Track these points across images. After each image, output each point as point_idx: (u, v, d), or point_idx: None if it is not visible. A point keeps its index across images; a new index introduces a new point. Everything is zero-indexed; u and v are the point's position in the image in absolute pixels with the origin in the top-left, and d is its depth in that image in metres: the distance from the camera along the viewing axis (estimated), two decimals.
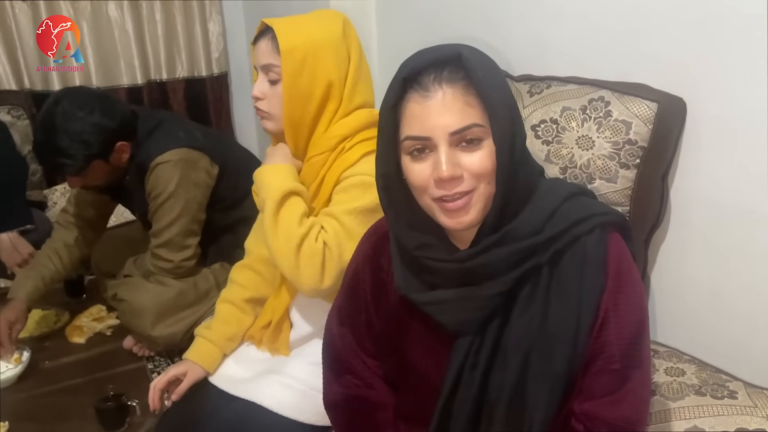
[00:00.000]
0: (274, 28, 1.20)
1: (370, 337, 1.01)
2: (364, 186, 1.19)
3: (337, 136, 1.24)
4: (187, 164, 1.74)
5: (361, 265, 1.01)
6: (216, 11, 2.82)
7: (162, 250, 1.77)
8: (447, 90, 0.78)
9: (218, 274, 1.86)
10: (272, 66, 1.21)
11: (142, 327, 1.72)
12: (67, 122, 1.62)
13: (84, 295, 2.07)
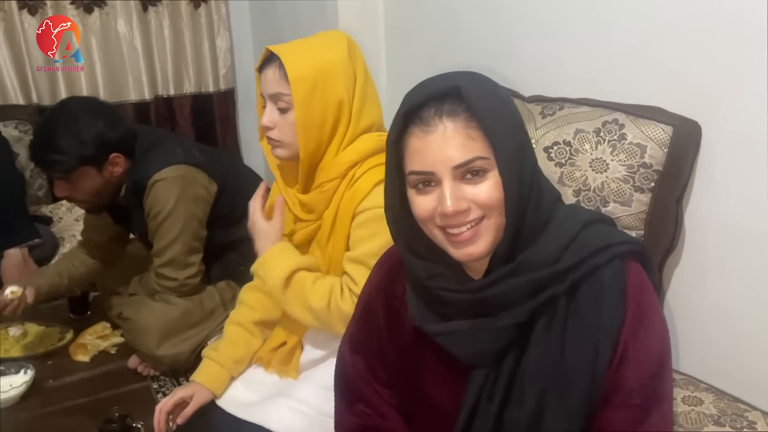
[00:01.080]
0: (280, 56, 1.18)
1: (382, 365, 0.99)
2: (381, 219, 1.15)
3: (347, 162, 1.22)
4: (185, 180, 1.72)
5: (374, 293, 1.00)
6: (224, 27, 2.83)
7: (166, 269, 1.75)
8: (448, 124, 0.77)
9: (223, 292, 1.84)
10: (282, 95, 1.19)
11: (147, 346, 1.70)
12: (68, 122, 1.63)
13: (88, 312, 2.06)
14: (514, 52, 1.63)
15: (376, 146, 1.23)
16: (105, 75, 2.62)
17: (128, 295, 1.86)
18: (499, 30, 1.67)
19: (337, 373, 1.06)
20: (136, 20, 2.61)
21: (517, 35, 1.61)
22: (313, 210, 1.26)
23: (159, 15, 2.69)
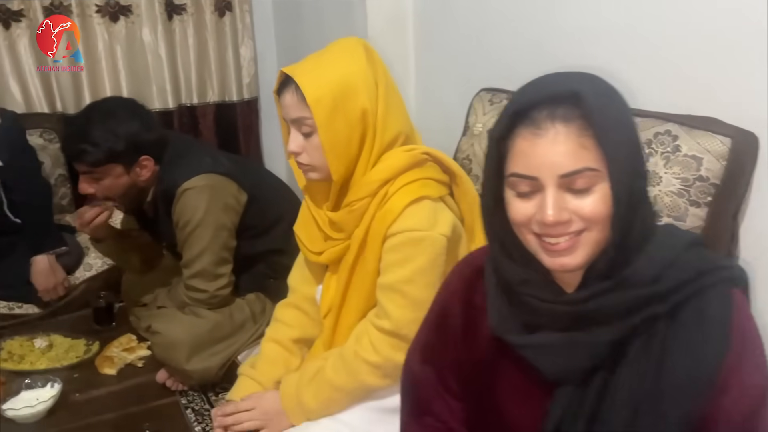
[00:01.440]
0: (295, 79, 1.14)
1: (455, 377, 0.94)
2: (414, 243, 1.13)
3: (378, 181, 1.17)
4: (214, 190, 1.69)
5: (450, 299, 0.95)
6: (248, 36, 2.81)
7: (195, 281, 1.72)
8: (560, 129, 0.72)
9: (253, 305, 1.81)
10: (303, 119, 1.15)
11: (177, 360, 1.66)
12: (105, 116, 1.63)
13: (113, 323, 2.03)
14: (553, 59, 1.58)
15: (408, 162, 1.19)
16: (129, 83, 2.60)
17: (156, 308, 1.83)
18: (536, 35, 1.63)
19: (404, 384, 1.01)
20: (161, 29, 2.60)
21: (558, 42, 1.57)
22: (343, 229, 1.22)
23: (183, 23, 2.68)
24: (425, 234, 1.13)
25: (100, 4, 2.50)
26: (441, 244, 1.14)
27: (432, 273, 1.13)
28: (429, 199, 1.17)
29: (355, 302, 1.23)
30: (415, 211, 1.15)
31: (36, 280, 2.02)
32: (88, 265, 2.18)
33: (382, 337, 1.15)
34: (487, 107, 1.61)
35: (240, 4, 2.75)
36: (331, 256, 1.26)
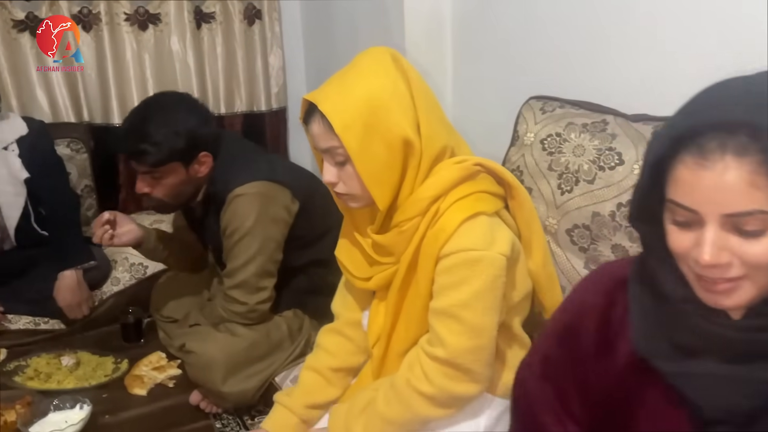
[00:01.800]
0: (319, 106, 1.04)
1: (580, 400, 0.84)
2: (470, 264, 1.03)
3: (427, 198, 1.08)
4: (266, 199, 1.62)
5: (583, 312, 0.84)
6: (277, 45, 2.75)
7: (236, 292, 1.64)
8: (731, 164, 0.62)
9: (291, 322, 1.72)
10: (334, 149, 1.06)
11: (212, 382, 1.58)
12: (163, 112, 1.58)
13: (142, 340, 1.96)
14: (604, 66, 1.51)
15: (459, 175, 1.09)
16: (157, 92, 2.54)
17: (188, 326, 1.76)
18: (584, 40, 1.55)
19: (517, 401, 0.92)
20: (190, 37, 2.54)
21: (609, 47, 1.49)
22: (392, 252, 1.13)
23: (212, 32, 2.62)
24: (482, 254, 1.03)
25: (128, 12, 2.45)
26: (500, 265, 1.04)
27: (490, 296, 1.04)
28: (485, 214, 1.07)
29: (406, 329, 1.14)
30: (470, 229, 1.05)
31: (60, 296, 1.95)
32: (115, 279, 2.11)
33: (435, 367, 1.06)
34: (539, 116, 1.53)
35: (270, 12, 2.69)
36: (380, 282, 1.17)
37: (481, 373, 1.06)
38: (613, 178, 1.27)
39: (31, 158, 1.96)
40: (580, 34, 1.58)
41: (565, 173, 1.37)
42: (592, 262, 1.30)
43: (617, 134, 1.32)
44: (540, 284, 1.17)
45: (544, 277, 1.17)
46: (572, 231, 1.34)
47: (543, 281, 1.17)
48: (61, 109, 2.43)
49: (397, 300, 1.13)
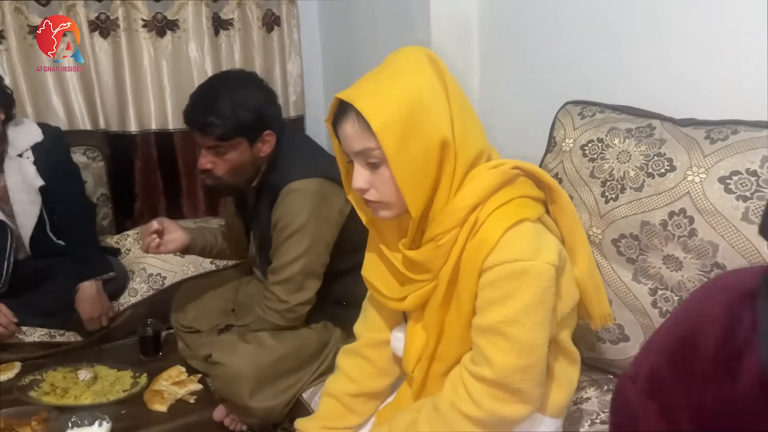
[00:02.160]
0: (355, 105, 0.97)
1: (694, 423, 0.75)
2: (517, 276, 0.95)
3: (465, 207, 1.00)
4: (322, 198, 1.57)
5: (701, 326, 0.76)
6: (296, 52, 2.71)
7: (279, 288, 1.59)
8: None
9: (321, 335, 1.66)
10: (369, 150, 0.99)
11: (239, 396, 1.51)
12: (232, 87, 1.57)
13: (160, 353, 1.89)
14: (641, 69, 1.46)
15: (498, 180, 1.02)
16: (174, 99, 2.49)
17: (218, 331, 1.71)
18: (621, 43, 1.50)
19: (616, 416, 0.83)
20: (208, 44, 2.50)
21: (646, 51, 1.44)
22: (429, 268, 1.05)
23: (230, 39, 2.58)
24: (529, 264, 0.96)
25: (146, 19, 2.41)
26: (549, 275, 0.97)
27: (540, 310, 0.96)
28: (528, 221, 1.00)
29: (448, 349, 1.07)
30: (514, 238, 0.98)
31: (81, 308, 1.90)
32: (133, 290, 2.06)
33: (482, 388, 0.98)
34: (578, 121, 1.47)
35: (288, 18, 2.64)
36: (416, 301, 1.09)
37: (532, 393, 0.99)
38: (664, 185, 1.21)
39: (47, 165, 1.91)
40: (614, 36, 1.52)
41: (609, 180, 1.31)
42: (642, 274, 1.24)
43: (666, 139, 1.26)
44: (586, 293, 1.10)
45: (591, 285, 1.10)
46: (619, 241, 1.27)
47: (590, 289, 1.10)
48: (77, 116, 2.39)
49: (437, 319, 1.07)
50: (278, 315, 1.61)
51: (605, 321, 1.14)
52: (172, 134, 2.52)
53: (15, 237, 1.92)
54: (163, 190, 2.57)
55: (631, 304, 1.25)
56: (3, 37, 2.23)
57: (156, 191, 2.56)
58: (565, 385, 1.09)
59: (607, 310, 1.14)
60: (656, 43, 1.42)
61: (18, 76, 2.26)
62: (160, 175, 2.55)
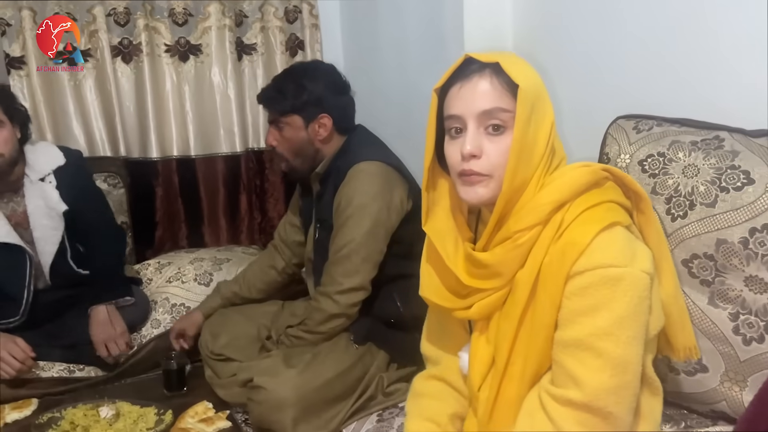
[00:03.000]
0: (502, 64, 0.95)
1: None
2: (611, 283, 0.87)
3: (550, 203, 0.93)
4: (389, 182, 1.62)
5: None
6: None
7: (334, 268, 1.59)
8: None
9: (365, 359, 1.58)
10: (499, 111, 0.94)
11: (281, 424, 1.43)
12: (300, 73, 1.74)
13: (185, 388, 1.79)
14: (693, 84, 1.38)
15: (588, 180, 0.95)
16: (196, 125, 2.44)
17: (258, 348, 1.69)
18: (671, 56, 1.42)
19: None
20: (231, 69, 2.45)
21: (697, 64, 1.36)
22: (500, 272, 0.96)
23: (253, 64, 2.53)
24: (624, 271, 0.87)
25: (169, 44, 2.36)
26: (644, 284, 0.88)
27: (635, 323, 0.87)
28: (620, 225, 0.93)
29: (522, 367, 0.96)
30: (607, 242, 0.89)
31: (92, 333, 1.82)
32: (156, 321, 1.97)
33: (567, 413, 0.88)
34: (633, 136, 1.38)
35: (312, 43, 2.59)
36: (484, 310, 1.00)
37: (624, 420, 0.89)
38: (742, 200, 1.11)
39: (70, 190, 1.85)
40: (665, 47, 1.45)
41: (675, 196, 1.21)
42: (720, 297, 1.13)
43: (739, 151, 1.17)
44: (671, 318, 1.00)
45: (676, 310, 1.00)
46: (690, 262, 1.17)
47: (674, 315, 1.00)
48: (97, 143, 2.34)
49: (508, 332, 0.96)
50: (331, 301, 1.58)
51: (689, 354, 1.04)
52: (194, 161, 2.46)
53: (34, 265, 1.84)
54: (184, 217, 2.49)
55: (708, 330, 1.14)
56: (24, 62, 2.19)
57: (177, 219, 2.48)
58: (650, 419, 0.97)
59: (693, 341, 1.04)
60: (715, 52, 1.34)
61: (38, 102, 2.22)
62: (182, 203, 2.48)
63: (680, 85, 1.43)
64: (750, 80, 1.28)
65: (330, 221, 1.65)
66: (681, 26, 1.40)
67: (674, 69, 1.43)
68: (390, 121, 2.20)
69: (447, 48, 1.90)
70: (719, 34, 1.32)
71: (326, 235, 1.67)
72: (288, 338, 1.66)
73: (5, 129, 1.75)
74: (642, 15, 1.48)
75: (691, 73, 1.40)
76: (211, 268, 2.13)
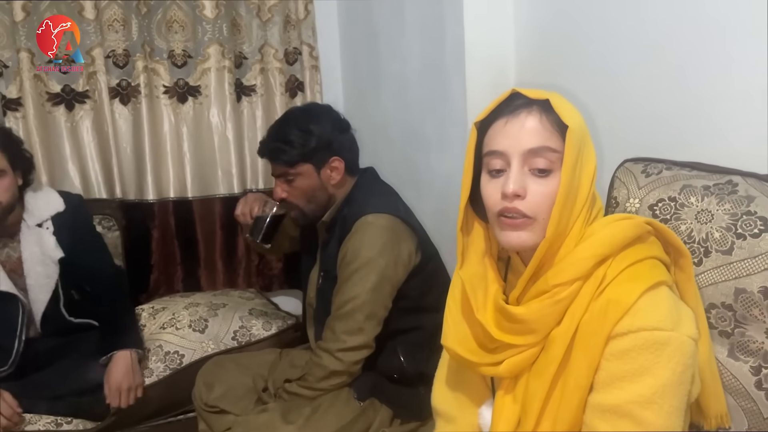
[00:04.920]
0: (552, 101, 0.90)
1: None
2: (656, 348, 0.81)
3: (594, 257, 0.88)
4: (396, 236, 1.56)
5: None
6: None
7: (338, 324, 1.51)
8: None
9: (367, 413, 1.51)
10: (548, 150, 0.88)
11: None
12: (300, 117, 1.66)
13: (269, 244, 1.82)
14: (696, 129, 1.35)
15: (632, 235, 0.90)
16: (194, 166, 2.41)
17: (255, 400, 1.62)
18: (673, 101, 1.40)
19: None
20: (230, 110, 2.43)
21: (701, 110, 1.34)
22: (535, 329, 0.90)
23: (252, 105, 2.52)
24: (670, 335, 0.82)
25: (168, 85, 2.35)
26: (690, 351, 0.83)
27: (679, 392, 0.82)
28: (666, 285, 0.88)
29: (551, 430, 0.89)
30: (653, 303, 0.84)
31: (111, 377, 1.74)
32: (148, 370, 1.89)
33: None
34: (642, 179, 1.34)
35: (312, 84, 2.58)
36: (514, 368, 0.93)
37: None
38: (760, 248, 1.06)
39: (69, 236, 1.81)
40: (671, 92, 1.42)
41: (689, 243, 1.16)
42: (740, 349, 1.07)
43: (754, 196, 1.13)
44: (705, 384, 0.94)
45: (709, 375, 0.95)
46: (708, 312, 1.11)
47: (708, 380, 0.95)
48: (93, 184, 2.30)
49: (539, 391, 0.90)
50: (333, 358, 1.51)
51: (721, 421, 0.98)
52: (191, 202, 2.43)
53: (26, 313, 1.78)
54: (180, 260, 2.44)
55: (729, 385, 1.08)
56: (20, 104, 2.17)
57: (173, 262, 2.43)
58: None
59: (724, 408, 0.99)
60: (724, 93, 1.31)
61: (34, 144, 2.19)
62: (178, 245, 2.43)
63: (688, 127, 1.40)
64: (761, 122, 1.25)
65: (334, 272, 1.60)
66: (690, 67, 1.38)
67: (683, 110, 1.40)
68: (392, 160, 2.17)
69: (449, 87, 1.89)
70: (729, 74, 1.30)
71: (329, 286, 1.61)
72: (286, 393, 1.59)
73: (7, 177, 1.72)
74: (648, 57, 1.46)
75: (699, 115, 1.37)
76: (207, 314, 2.07)
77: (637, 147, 1.44)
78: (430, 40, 1.95)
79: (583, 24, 1.62)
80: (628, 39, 1.49)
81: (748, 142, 1.27)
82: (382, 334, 1.56)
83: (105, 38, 2.23)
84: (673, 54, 1.40)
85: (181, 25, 2.33)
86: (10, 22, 2.11)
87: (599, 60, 1.59)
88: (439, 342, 1.06)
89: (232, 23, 2.39)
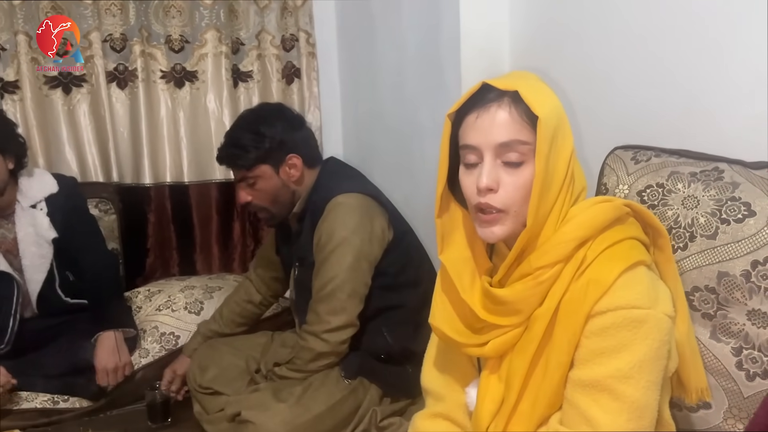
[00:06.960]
0: (521, 92, 0.90)
1: None
2: (634, 325, 0.84)
3: (574, 240, 0.90)
4: (368, 213, 1.58)
5: None
6: (315, 105, 2.65)
7: (320, 306, 1.52)
8: None
9: (356, 393, 1.54)
10: (518, 143, 0.90)
11: None
12: (252, 120, 1.68)
13: (169, 420, 1.74)
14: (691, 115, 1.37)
15: (611, 217, 0.92)
16: (190, 151, 2.43)
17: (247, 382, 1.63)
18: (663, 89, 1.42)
19: None
20: (226, 95, 2.44)
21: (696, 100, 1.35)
22: (519, 310, 0.93)
23: (249, 91, 2.53)
24: (647, 313, 0.85)
25: (165, 70, 2.36)
26: (666, 328, 0.86)
27: (655, 367, 0.85)
28: (644, 265, 0.91)
29: (532, 407, 0.92)
30: (631, 282, 0.87)
31: (97, 358, 1.78)
32: (144, 350, 1.92)
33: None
34: (632, 166, 1.36)
35: (308, 71, 2.60)
36: (500, 348, 0.96)
37: None
38: (743, 233, 1.09)
39: (62, 217, 1.83)
40: (661, 80, 1.44)
41: (675, 228, 1.19)
42: (722, 331, 1.10)
43: (739, 183, 1.15)
44: (684, 359, 0.97)
45: (689, 350, 0.98)
46: (692, 294, 1.14)
47: (687, 356, 0.97)
48: (90, 168, 2.32)
49: (521, 370, 0.93)
50: (318, 339, 1.53)
51: (702, 395, 1.01)
52: (188, 187, 2.45)
53: (22, 293, 1.80)
54: (176, 244, 2.46)
55: (711, 365, 1.11)
56: (18, 87, 2.18)
57: (169, 246, 2.46)
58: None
59: (704, 382, 1.02)
60: (714, 82, 1.33)
61: (31, 127, 2.20)
62: (174, 230, 2.45)
63: (678, 115, 1.42)
64: (749, 111, 1.27)
65: (310, 258, 1.61)
66: (679, 56, 1.39)
67: (672, 99, 1.42)
68: (388, 148, 2.19)
69: (444, 75, 1.90)
70: (719, 65, 1.32)
71: (306, 274, 1.63)
72: (276, 376, 1.62)
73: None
74: (638, 48, 1.48)
75: (689, 103, 1.39)
76: (202, 296, 2.10)
77: (629, 135, 1.46)
78: (425, 28, 1.96)
79: (577, 13, 1.63)
80: (622, 28, 1.50)
81: (736, 130, 1.30)
82: (366, 315, 1.59)
83: (102, 22, 2.24)
84: (665, 44, 1.41)
85: (179, 10, 2.34)
86: (8, 5, 2.12)
87: (594, 48, 1.60)
88: (423, 317, 1.09)
89: (229, 9, 2.40)
